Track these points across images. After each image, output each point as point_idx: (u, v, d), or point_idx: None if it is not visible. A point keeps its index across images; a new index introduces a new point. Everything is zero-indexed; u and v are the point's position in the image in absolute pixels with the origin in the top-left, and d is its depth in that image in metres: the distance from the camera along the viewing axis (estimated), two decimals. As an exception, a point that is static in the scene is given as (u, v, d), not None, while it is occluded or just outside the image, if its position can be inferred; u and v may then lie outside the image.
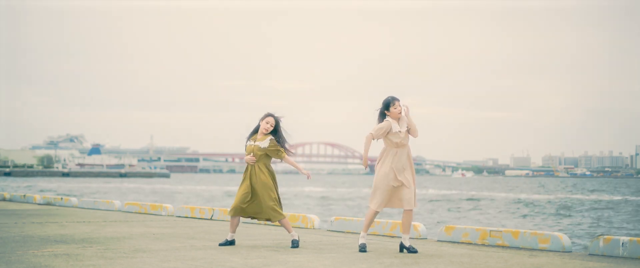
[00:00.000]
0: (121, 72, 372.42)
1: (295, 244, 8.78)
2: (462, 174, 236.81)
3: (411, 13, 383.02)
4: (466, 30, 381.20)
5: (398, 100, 8.42)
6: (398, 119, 8.41)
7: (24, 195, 19.74)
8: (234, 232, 8.94)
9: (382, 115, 8.45)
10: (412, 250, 8.30)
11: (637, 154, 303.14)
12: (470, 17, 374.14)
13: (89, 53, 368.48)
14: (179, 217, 14.35)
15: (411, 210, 8.26)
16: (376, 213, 8.36)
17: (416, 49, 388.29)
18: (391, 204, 8.35)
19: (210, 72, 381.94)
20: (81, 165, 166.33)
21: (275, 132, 8.95)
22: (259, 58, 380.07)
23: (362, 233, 8.50)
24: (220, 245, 8.86)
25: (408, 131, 8.42)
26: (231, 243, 8.93)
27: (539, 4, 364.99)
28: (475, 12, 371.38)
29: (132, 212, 15.60)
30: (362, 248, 8.41)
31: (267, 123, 8.91)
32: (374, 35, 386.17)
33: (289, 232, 8.90)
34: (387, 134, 8.33)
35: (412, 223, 10.54)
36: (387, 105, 8.39)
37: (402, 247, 8.41)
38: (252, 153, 8.89)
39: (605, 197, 57.45)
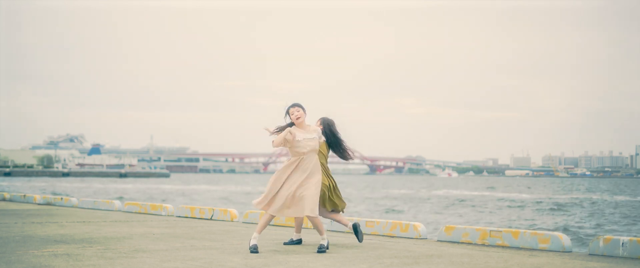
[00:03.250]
0: (121, 72, 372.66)
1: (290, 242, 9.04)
2: (449, 174, 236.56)
3: (411, 13, 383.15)
4: (467, 30, 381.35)
5: (294, 106, 8.35)
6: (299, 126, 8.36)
7: (24, 195, 19.73)
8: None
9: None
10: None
11: (637, 154, 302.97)
12: (470, 17, 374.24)
13: (88, 53, 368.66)
14: (179, 217, 14.34)
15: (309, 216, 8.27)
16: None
17: (417, 49, 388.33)
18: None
19: (211, 73, 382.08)
20: (81, 165, 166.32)
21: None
22: (259, 58, 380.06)
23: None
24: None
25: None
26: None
27: (540, 4, 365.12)
28: (475, 12, 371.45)
29: (132, 212, 15.59)
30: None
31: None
32: (375, 35, 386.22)
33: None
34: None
35: (412, 222, 10.55)
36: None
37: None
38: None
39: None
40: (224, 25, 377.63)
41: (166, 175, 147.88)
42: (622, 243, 8.16)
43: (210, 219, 13.69)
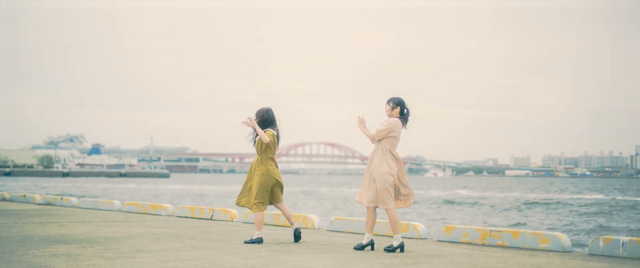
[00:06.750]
0: (121, 72, 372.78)
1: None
2: (435, 174, 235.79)
3: (411, 13, 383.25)
4: (466, 31, 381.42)
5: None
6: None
7: (24, 195, 19.73)
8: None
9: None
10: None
11: (637, 154, 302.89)
12: (470, 17, 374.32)
13: (89, 53, 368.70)
14: (179, 217, 14.34)
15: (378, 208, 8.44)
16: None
17: (416, 49, 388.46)
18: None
19: (211, 73, 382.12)
20: (81, 165, 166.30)
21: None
22: (259, 58, 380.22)
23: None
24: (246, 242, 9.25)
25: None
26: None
27: (539, 4, 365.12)
28: (475, 12, 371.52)
29: (132, 212, 15.60)
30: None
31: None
32: (374, 35, 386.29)
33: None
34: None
35: (412, 222, 10.55)
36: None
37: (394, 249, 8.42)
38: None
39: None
40: (224, 25, 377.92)
41: (166, 175, 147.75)
42: (622, 243, 8.17)
43: (210, 219, 13.69)
